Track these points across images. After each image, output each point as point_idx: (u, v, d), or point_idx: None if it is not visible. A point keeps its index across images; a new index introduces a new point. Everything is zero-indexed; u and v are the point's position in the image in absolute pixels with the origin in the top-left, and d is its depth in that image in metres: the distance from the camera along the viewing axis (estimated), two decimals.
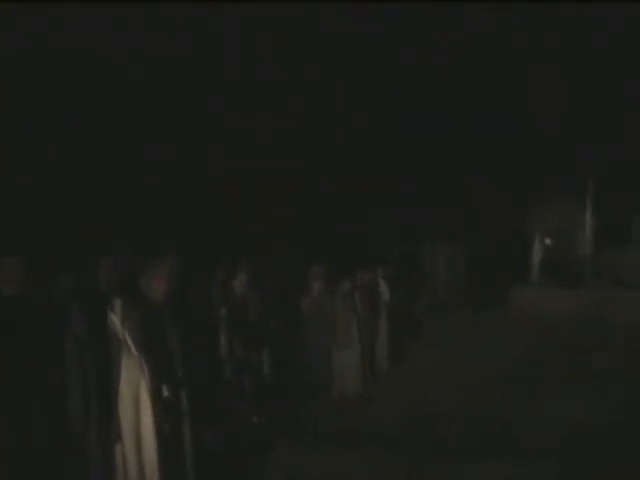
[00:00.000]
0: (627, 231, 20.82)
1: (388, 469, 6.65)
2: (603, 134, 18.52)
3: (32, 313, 4.47)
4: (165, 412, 5.00)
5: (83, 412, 4.52)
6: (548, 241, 22.70)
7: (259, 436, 6.90)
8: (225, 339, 6.46)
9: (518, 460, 6.81)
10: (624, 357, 11.36)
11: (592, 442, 7.26)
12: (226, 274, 7.02)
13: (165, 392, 5.06)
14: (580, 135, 18.62)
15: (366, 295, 9.77)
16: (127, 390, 4.78)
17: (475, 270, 18.28)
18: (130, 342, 4.83)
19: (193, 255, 8.13)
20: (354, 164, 14.96)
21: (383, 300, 10.68)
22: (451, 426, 8.00)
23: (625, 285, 18.19)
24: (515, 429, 7.79)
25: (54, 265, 5.35)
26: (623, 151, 18.98)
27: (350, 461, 6.85)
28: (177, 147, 10.44)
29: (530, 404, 8.82)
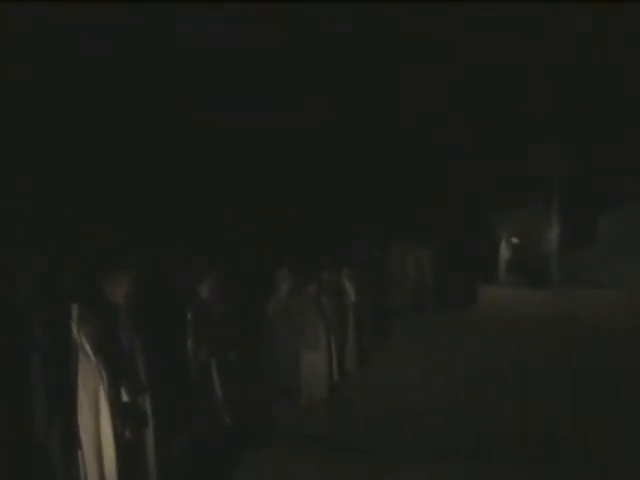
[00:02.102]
0: (593, 230, 21.11)
1: (355, 471, 6.69)
2: (569, 133, 18.75)
3: None
4: (125, 418, 4.97)
5: (45, 419, 4.48)
6: (515, 240, 22.92)
7: (227, 439, 6.89)
8: (192, 343, 6.45)
9: (484, 460, 6.88)
10: (591, 355, 11.51)
11: (560, 441, 7.38)
12: (192, 278, 7.02)
13: (124, 397, 5.03)
14: (546, 135, 18.84)
15: (333, 297, 9.80)
16: (85, 396, 4.72)
17: (442, 270, 18.38)
18: (87, 347, 4.79)
19: (158, 259, 8.14)
20: (321, 164, 14.98)
21: (350, 301, 10.71)
22: (418, 426, 8.06)
23: (591, 283, 18.42)
24: (482, 428, 7.87)
25: (16, 267, 5.30)
26: (589, 150, 19.23)
27: (317, 463, 6.89)
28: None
29: (497, 403, 8.91)
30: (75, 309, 4.81)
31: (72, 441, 4.64)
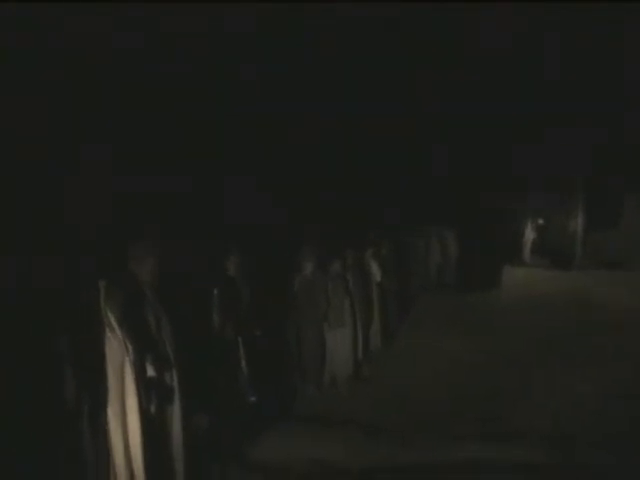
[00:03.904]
0: (619, 212, 20.89)
1: (378, 452, 6.68)
2: (596, 116, 18.50)
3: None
4: (150, 393, 4.99)
5: (73, 395, 4.49)
6: (541, 222, 22.77)
7: (252, 417, 6.91)
8: (218, 320, 6.46)
9: (513, 443, 6.83)
10: (615, 338, 11.41)
11: (589, 424, 7.32)
12: (219, 255, 7.02)
13: (150, 372, 5.04)
14: (572, 117, 18.60)
15: (358, 275, 9.77)
16: (110, 371, 4.75)
17: (467, 251, 18.30)
18: (113, 322, 4.81)
19: (186, 237, 8.14)
20: (348, 143, 14.92)
21: (375, 281, 10.68)
22: (441, 406, 8.04)
23: (616, 266, 18.29)
24: (508, 411, 7.83)
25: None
26: (615, 132, 18.97)
27: (341, 442, 6.90)
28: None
29: (522, 385, 8.87)
30: (102, 284, 4.82)
31: (100, 416, 4.66)
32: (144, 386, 4.94)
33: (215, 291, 6.48)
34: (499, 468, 6.26)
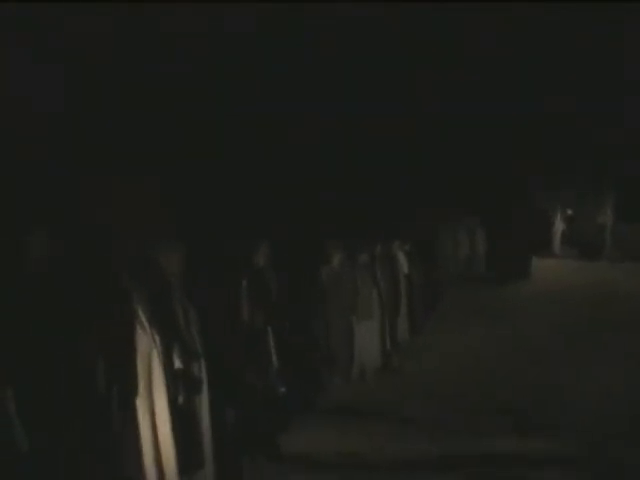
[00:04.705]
0: None
1: (405, 445, 6.66)
2: (626, 105, 18.22)
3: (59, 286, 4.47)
4: (178, 384, 5.01)
5: (104, 386, 4.52)
6: (570, 212, 22.55)
7: (281, 407, 6.92)
8: (246, 311, 6.46)
9: (542, 437, 6.76)
10: None
11: (618, 417, 7.26)
12: (248, 246, 7.03)
13: (177, 364, 5.06)
14: (600, 107, 18.35)
15: (385, 266, 9.75)
16: (139, 363, 4.76)
17: (496, 242, 18.16)
18: (141, 314, 4.85)
19: (215, 229, 8.18)
20: (376, 135, 14.86)
21: (402, 272, 10.65)
22: (469, 397, 8.02)
23: None
24: (537, 404, 7.79)
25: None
26: None
27: (368, 435, 6.89)
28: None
29: (551, 378, 8.81)
30: (130, 276, 4.84)
31: (129, 408, 4.69)
32: (172, 378, 4.96)
33: (244, 283, 6.48)
34: (528, 461, 6.22)
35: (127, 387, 4.65)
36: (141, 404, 4.75)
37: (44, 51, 7.99)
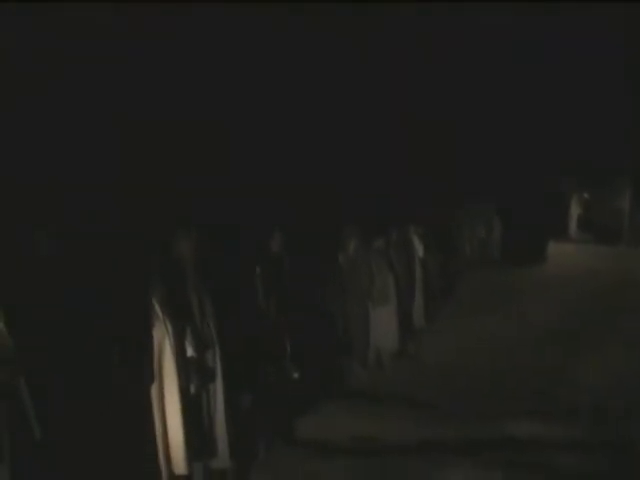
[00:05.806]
0: None
1: (421, 430, 6.67)
2: None
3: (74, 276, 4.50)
4: (190, 372, 5.03)
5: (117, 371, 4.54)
6: (587, 196, 22.36)
7: (295, 394, 6.93)
8: (261, 297, 6.48)
9: (558, 420, 6.76)
10: None
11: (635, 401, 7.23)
12: (262, 233, 7.03)
13: (190, 352, 5.09)
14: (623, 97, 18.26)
15: (401, 252, 9.74)
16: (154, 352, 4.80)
17: (511, 226, 18.04)
18: (155, 302, 4.87)
19: (227, 214, 8.19)
20: (391, 122, 14.85)
21: (418, 257, 10.63)
22: (485, 382, 8.01)
23: None
24: (553, 387, 7.77)
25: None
26: None
27: (384, 420, 6.91)
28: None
29: (567, 362, 8.78)
30: (142, 264, 4.86)
31: (142, 396, 4.71)
32: (184, 366, 4.99)
33: (258, 269, 6.49)
34: (544, 445, 6.22)
35: (141, 375, 4.68)
36: (154, 391, 4.78)
37: None
